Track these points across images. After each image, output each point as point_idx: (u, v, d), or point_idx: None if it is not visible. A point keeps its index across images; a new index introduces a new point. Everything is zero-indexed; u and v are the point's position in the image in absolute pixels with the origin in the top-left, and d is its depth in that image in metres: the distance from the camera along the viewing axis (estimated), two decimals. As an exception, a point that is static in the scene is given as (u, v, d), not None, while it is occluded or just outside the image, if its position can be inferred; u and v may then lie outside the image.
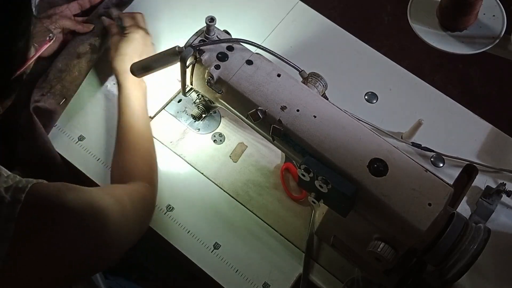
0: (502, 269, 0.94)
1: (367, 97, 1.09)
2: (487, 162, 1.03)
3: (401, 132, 1.05)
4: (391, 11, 2.13)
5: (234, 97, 0.84)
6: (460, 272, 0.74)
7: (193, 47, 0.83)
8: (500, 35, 0.96)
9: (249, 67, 0.83)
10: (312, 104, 0.80)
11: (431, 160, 1.03)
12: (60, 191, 0.67)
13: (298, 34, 1.16)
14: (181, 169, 1.02)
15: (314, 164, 0.76)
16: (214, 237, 0.96)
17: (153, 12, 1.15)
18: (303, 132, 0.78)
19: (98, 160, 1.01)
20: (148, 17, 1.09)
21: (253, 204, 1.00)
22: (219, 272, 0.93)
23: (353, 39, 1.17)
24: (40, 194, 0.65)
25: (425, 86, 1.12)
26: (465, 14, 0.95)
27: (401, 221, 0.72)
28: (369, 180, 0.74)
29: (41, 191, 0.66)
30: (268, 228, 0.98)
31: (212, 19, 0.83)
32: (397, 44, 2.05)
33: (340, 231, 0.89)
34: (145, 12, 1.11)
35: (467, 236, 0.74)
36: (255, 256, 0.95)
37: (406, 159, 0.76)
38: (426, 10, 0.99)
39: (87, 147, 1.02)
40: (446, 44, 0.97)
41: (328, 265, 0.95)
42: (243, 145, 1.04)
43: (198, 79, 0.88)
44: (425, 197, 0.73)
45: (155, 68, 0.92)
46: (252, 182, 1.01)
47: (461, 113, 1.09)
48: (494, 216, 0.98)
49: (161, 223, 0.97)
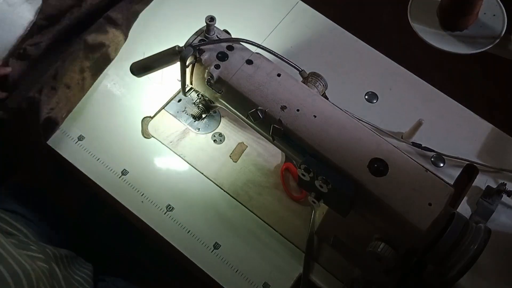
0: (502, 269, 0.94)
1: (367, 97, 1.09)
2: (488, 162, 1.03)
3: (401, 132, 1.05)
4: (391, 11, 2.13)
5: (234, 97, 0.84)
6: (460, 272, 0.74)
7: (193, 47, 0.83)
8: (500, 34, 0.96)
9: (249, 67, 0.83)
10: (312, 104, 0.80)
11: (431, 160, 1.03)
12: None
13: (298, 34, 1.15)
14: (181, 169, 1.02)
15: (314, 164, 0.76)
16: (214, 237, 0.96)
17: (154, 12, 1.15)
18: (303, 132, 0.78)
19: (98, 160, 1.01)
20: (149, 17, 1.09)
21: (253, 204, 0.99)
22: (219, 272, 0.93)
23: (353, 39, 1.17)
24: None
25: (425, 86, 1.12)
26: (465, 13, 0.95)
27: (401, 221, 0.72)
28: (369, 180, 0.74)
29: None
30: (268, 228, 0.98)
31: (212, 18, 0.83)
32: (397, 44, 2.05)
33: (340, 231, 0.89)
34: (145, 11, 1.12)
35: (468, 236, 0.74)
36: (255, 256, 0.95)
37: (406, 159, 0.76)
38: (426, 10, 0.99)
39: (87, 147, 1.02)
40: (446, 44, 0.97)
41: (328, 265, 0.95)
42: (243, 145, 1.04)
43: (198, 78, 0.87)
44: (425, 197, 0.72)
45: (154, 67, 0.92)
46: (252, 182, 1.01)
47: (461, 113, 1.09)
48: (495, 216, 0.98)
49: (161, 223, 0.97)
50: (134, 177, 1.00)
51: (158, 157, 1.00)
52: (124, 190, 0.99)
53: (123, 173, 1.00)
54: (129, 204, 0.98)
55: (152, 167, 1.02)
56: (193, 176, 1.02)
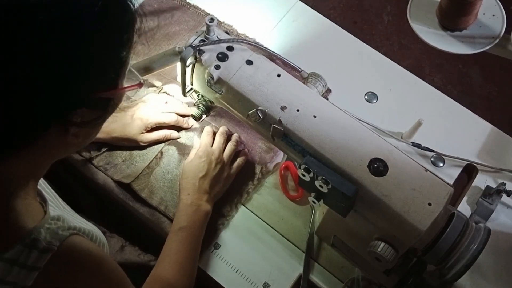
0: (502, 269, 0.94)
1: (367, 97, 1.09)
2: (487, 162, 1.03)
3: (401, 132, 1.05)
4: (391, 11, 2.13)
5: (234, 97, 0.84)
6: (460, 272, 0.74)
7: (193, 47, 0.83)
8: (500, 34, 0.96)
9: (249, 67, 0.83)
10: (312, 104, 0.80)
11: (431, 160, 1.03)
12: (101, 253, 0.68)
13: (298, 34, 1.16)
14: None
15: (314, 164, 0.76)
16: (214, 237, 0.96)
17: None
18: (303, 132, 0.78)
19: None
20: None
21: (253, 204, 1.00)
22: (219, 272, 0.93)
23: (353, 39, 1.17)
24: (79, 247, 0.65)
25: (425, 86, 1.12)
26: (465, 14, 0.95)
27: (401, 221, 0.72)
28: (369, 180, 0.74)
29: (81, 244, 0.65)
30: (268, 228, 0.98)
31: (212, 19, 0.83)
32: (397, 44, 2.05)
33: (340, 231, 0.89)
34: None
35: (467, 236, 0.74)
36: (255, 256, 0.95)
37: (406, 159, 0.76)
38: (426, 10, 0.99)
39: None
40: (446, 44, 0.97)
41: (328, 265, 0.95)
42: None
43: (198, 79, 0.88)
44: (425, 197, 0.73)
45: (155, 68, 0.92)
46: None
47: (461, 113, 1.09)
48: (494, 216, 0.98)
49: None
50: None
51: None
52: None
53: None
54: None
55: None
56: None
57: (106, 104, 0.64)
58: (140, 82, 0.68)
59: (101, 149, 1.00)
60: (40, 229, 0.62)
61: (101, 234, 0.78)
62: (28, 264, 0.60)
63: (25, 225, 0.61)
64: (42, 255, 0.61)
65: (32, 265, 0.60)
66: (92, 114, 0.62)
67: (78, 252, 0.65)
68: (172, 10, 1.15)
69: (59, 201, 0.76)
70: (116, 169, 0.98)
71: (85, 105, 0.59)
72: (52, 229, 0.63)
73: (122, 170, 0.99)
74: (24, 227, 0.61)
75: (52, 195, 0.75)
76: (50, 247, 0.61)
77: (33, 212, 0.63)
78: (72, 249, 0.64)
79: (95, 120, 0.63)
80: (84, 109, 0.59)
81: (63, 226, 0.65)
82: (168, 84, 1.07)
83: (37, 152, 0.61)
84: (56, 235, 0.63)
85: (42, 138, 0.59)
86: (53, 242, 0.62)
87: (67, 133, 0.60)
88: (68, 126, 0.60)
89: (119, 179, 0.97)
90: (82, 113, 0.59)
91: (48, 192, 0.73)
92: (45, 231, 0.62)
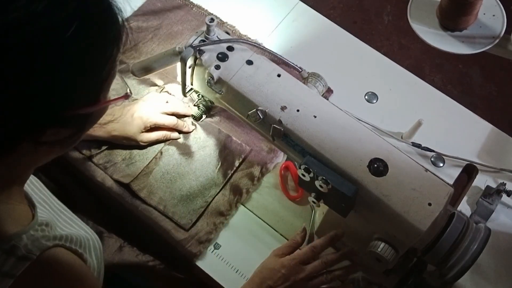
0: (502, 269, 0.94)
1: (367, 97, 1.09)
2: (487, 162, 1.03)
3: (401, 132, 1.05)
4: (391, 11, 2.13)
5: (234, 97, 0.84)
6: (460, 272, 0.74)
7: (193, 47, 0.83)
8: (500, 35, 0.96)
9: (249, 67, 0.83)
10: (312, 104, 0.80)
11: (431, 160, 1.03)
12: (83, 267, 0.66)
13: (298, 34, 1.16)
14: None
15: (314, 164, 0.76)
16: (214, 237, 0.96)
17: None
18: (303, 132, 0.78)
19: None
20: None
21: (253, 204, 1.00)
22: (219, 272, 0.93)
23: (353, 39, 1.17)
24: (60, 260, 0.62)
25: (425, 86, 1.12)
26: (465, 14, 0.95)
27: (401, 221, 0.72)
28: (369, 180, 0.74)
29: (63, 257, 0.63)
30: (268, 228, 0.98)
31: (212, 19, 0.83)
32: (397, 44, 2.05)
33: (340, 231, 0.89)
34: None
35: (467, 236, 0.74)
36: (255, 256, 0.95)
37: (406, 159, 0.76)
38: (426, 10, 0.99)
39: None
40: (446, 44, 0.97)
41: (328, 265, 0.94)
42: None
43: (198, 79, 0.88)
44: (425, 197, 0.73)
45: (155, 68, 0.92)
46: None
47: (461, 113, 1.09)
48: (494, 216, 0.98)
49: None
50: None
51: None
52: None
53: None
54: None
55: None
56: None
57: (83, 120, 0.59)
58: (127, 94, 0.65)
59: (101, 147, 1.00)
60: (22, 235, 0.59)
61: (95, 237, 0.75)
62: (3, 270, 0.57)
63: (5, 230, 0.58)
64: (19, 263, 0.58)
65: (7, 271, 0.58)
66: (66, 131, 0.57)
67: (58, 265, 0.62)
68: (176, 9, 1.15)
69: (54, 201, 0.74)
70: (115, 167, 0.98)
71: (57, 123, 0.55)
72: (35, 237, 0.60)
73: (122, 170, 0.98)
74: (5, 231, 0.58)
75: (46, 196, 0.73)
76: (29, 255, 0.58)
77: (17, 217, 0.60)
78: (52, 261, 0.61)
79: (70, 137, 0.58)
80: (57, 128, 0.55)
81: (48, 236, 0.62)
82: (170, 84, 1.07)
83: (16, 159, 0.57)
84: (38, 243, 0.60)
85: (17, 151, 0.55)
86: (33, 251, 0.59)
87: (43, 147, 0.56)
88: (38, 146, 0.55)
89: (118, 178, 0.97)
90: (54, 132, 0.55)
91: (43, 192, 0.72)
92: (28, 237, 0.59)
